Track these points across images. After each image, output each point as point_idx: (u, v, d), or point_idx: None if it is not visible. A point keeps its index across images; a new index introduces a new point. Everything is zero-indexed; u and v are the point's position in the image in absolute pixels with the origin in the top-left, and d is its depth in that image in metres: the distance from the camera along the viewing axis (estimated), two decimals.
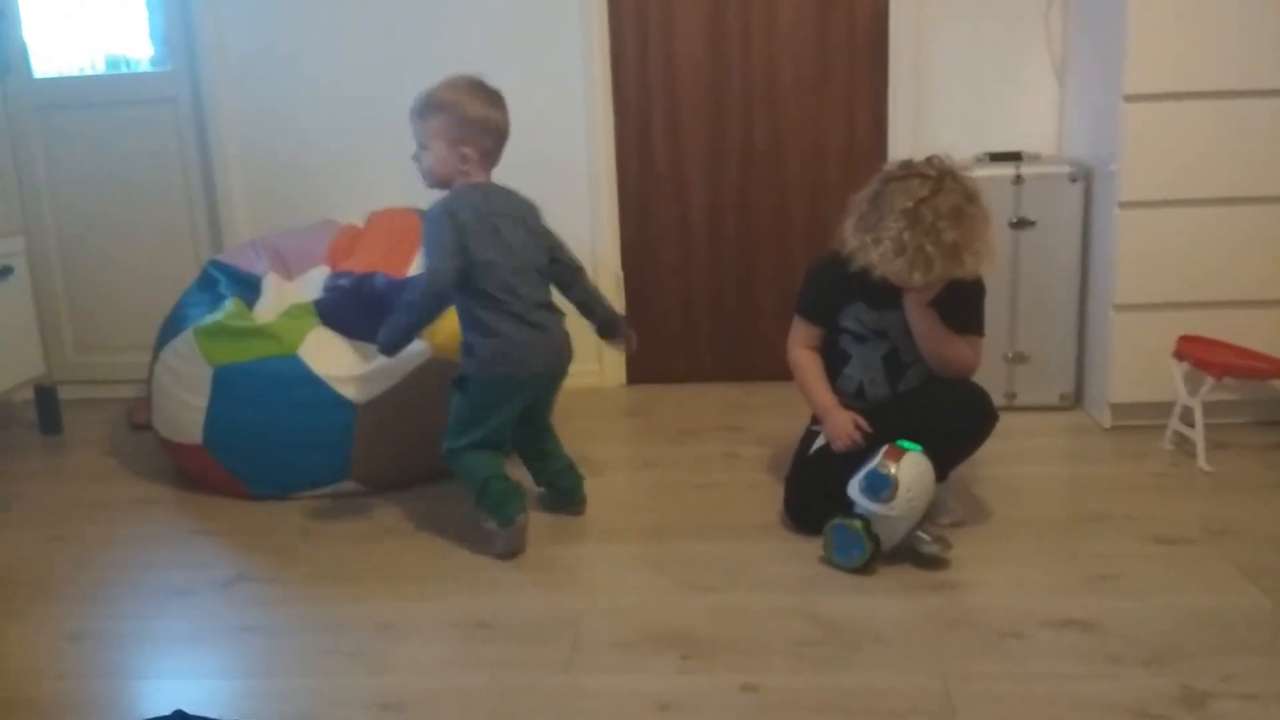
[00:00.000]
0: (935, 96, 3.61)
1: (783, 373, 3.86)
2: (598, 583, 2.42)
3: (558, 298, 2.76)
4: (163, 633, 2.28)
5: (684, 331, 3.91)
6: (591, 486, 2.99)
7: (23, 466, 3.42)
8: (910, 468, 2.36)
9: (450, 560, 2.57)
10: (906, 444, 2.40)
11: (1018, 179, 3.28)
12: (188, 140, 3.90)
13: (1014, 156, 3.37)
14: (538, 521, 2.78)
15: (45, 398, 3.68)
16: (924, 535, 2.40)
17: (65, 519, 2.93)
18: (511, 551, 2.56)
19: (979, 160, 3.39)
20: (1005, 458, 3.05)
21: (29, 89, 3.93)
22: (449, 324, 3.12)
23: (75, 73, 3.98)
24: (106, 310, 4.05)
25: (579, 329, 3.45)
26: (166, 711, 1.54)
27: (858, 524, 2.36)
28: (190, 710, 1.77)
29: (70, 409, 3.76)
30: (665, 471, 3.11)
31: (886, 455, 2.37)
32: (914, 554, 2.41)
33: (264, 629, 2.28)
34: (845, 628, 2.17)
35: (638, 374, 3.94)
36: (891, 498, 2.33)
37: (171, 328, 3.13)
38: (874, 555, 2.37)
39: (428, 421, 2.98)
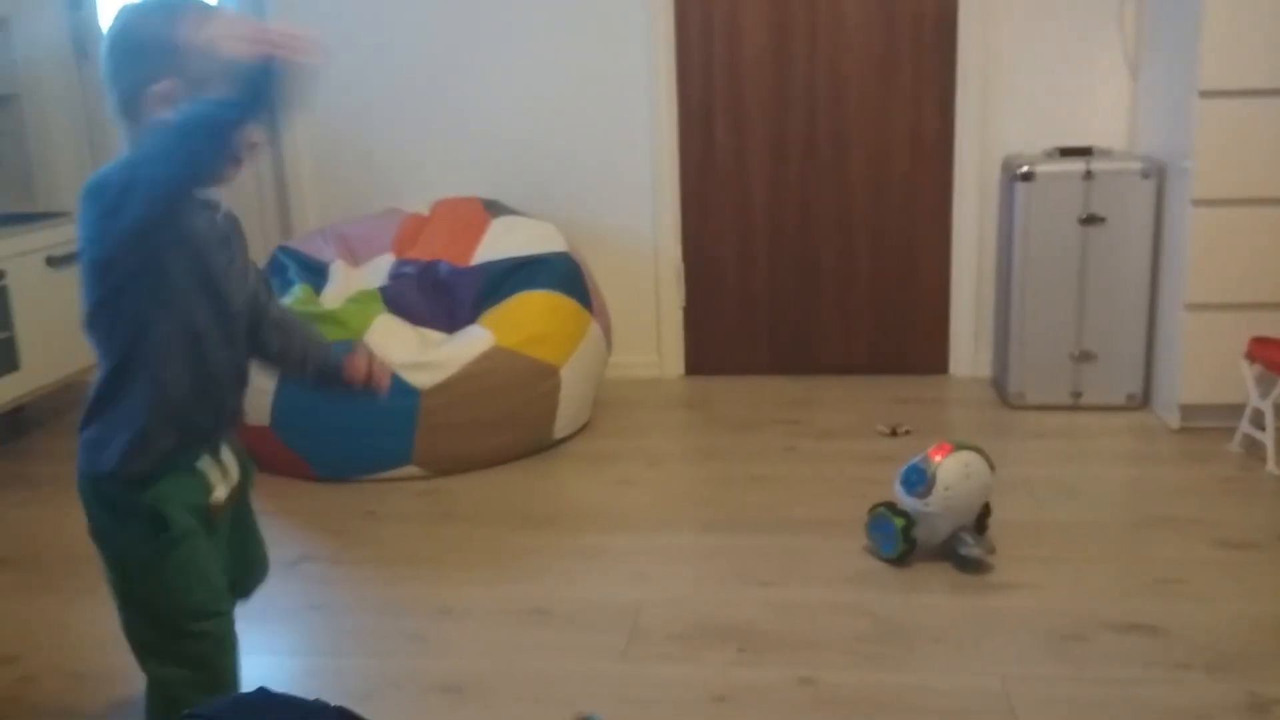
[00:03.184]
0: (1004, 90, 3.57)
1: (843, 367, 3.87)
2: (655, 573, 2.43)
3: None
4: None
5: (743, 324, 3.90)
6: (650, 476, 3.01)
7: None
8: (953, 467, 2.33)
9: (510, 545, 2.60)
10: (962, 443, 2.38)
11: (1088, 174, 3.23)
12: None
13: (1085, 152, 3.32)
14: (593, 511, 2.80)
15: None
16: (966, 537, 2.36)
17: None
18: None
19: (1049, 155, 3.34)
20: (1070, 458, 3.01)
21: None
22: (514, 317, 3.16)
23: None
24: None
25: (633, 311, 3.47)
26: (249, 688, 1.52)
27: (899, 519, 2.37)
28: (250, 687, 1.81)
29: None
30: (723, 464, 3.11)
31: (933, 450, 2.36)
32: (955, 555, 2.37)
33: (327, 609, 2.32)
34: (903, 625, 2.16)
35: (696, 366, 3.94)
36: (927, 494, 2.32)
37: None
38: (908, 552, 2.37)
39: (490, 408, 3.02)
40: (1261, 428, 2.91)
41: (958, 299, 3.74)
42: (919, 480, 2.34)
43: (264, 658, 2.14)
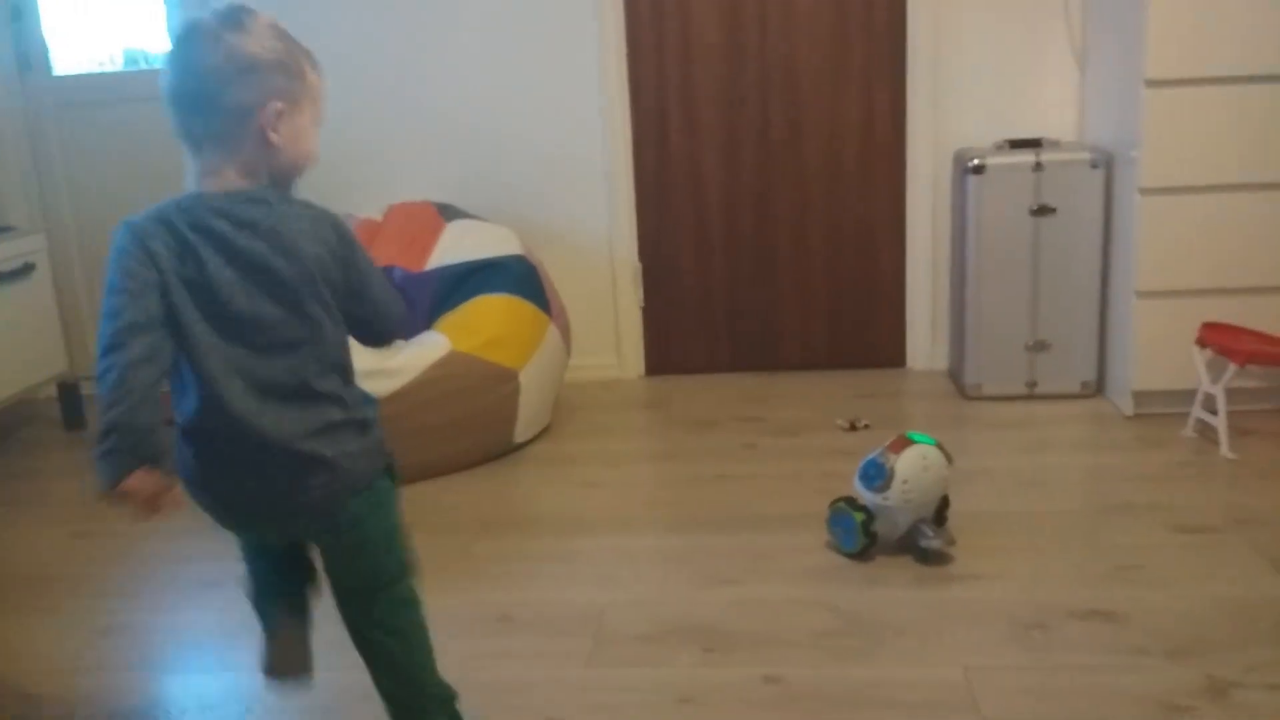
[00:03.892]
0: (954, 83, 3.59)
1: (802, 362, 3.89)
2: (619, 576, 2.43)
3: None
4: (191, 625, 2.30)
5: (702, 322, 3.90)
6: (612, 478, 3.01)
7: (48, 463, 3.45)
8: (911, 461, 2.34)
9: (472, 552, 2.58)
10: (917, 436, 2.39)
11: (1038, 166, 3.26)
12: None
13: (1034, 143, 3.35)
14: (555, 514, 2.79)
15: (68, 394, 3.71)
16: (926, 529, 2.37)
17: (93, 515, 2.95)
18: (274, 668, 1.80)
19: (999, 147, 3.37)
20: (1026, 447, 3.04)
21: (48, 87, 3.95)
22: (471, 321, 3.14)
23: (94, 69, 4.00)
24: None
25: (591, 313, 3.47)
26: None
27: (858, 514, 2.37)
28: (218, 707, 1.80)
29: (93, 405, 3.78)
30: (684, 463, 3.11)
31: (890, 445, 2.37)
32: (916, 548, 2.38)
33: None
34: (867, 619, 2.17)
35: (656, 365, 3.94)
36: (885, 488, 2.33)
37: None
38: (868, 546, 2.38)
39: (449, 414, 3.00)
40: (1214, 412, 2.95)
41: (913, 292, 3.77)
42: (877, 474, 2.35)
43: (227, 674, 2.12)
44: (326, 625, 2.28)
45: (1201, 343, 2.99)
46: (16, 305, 3.55)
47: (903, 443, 2.38)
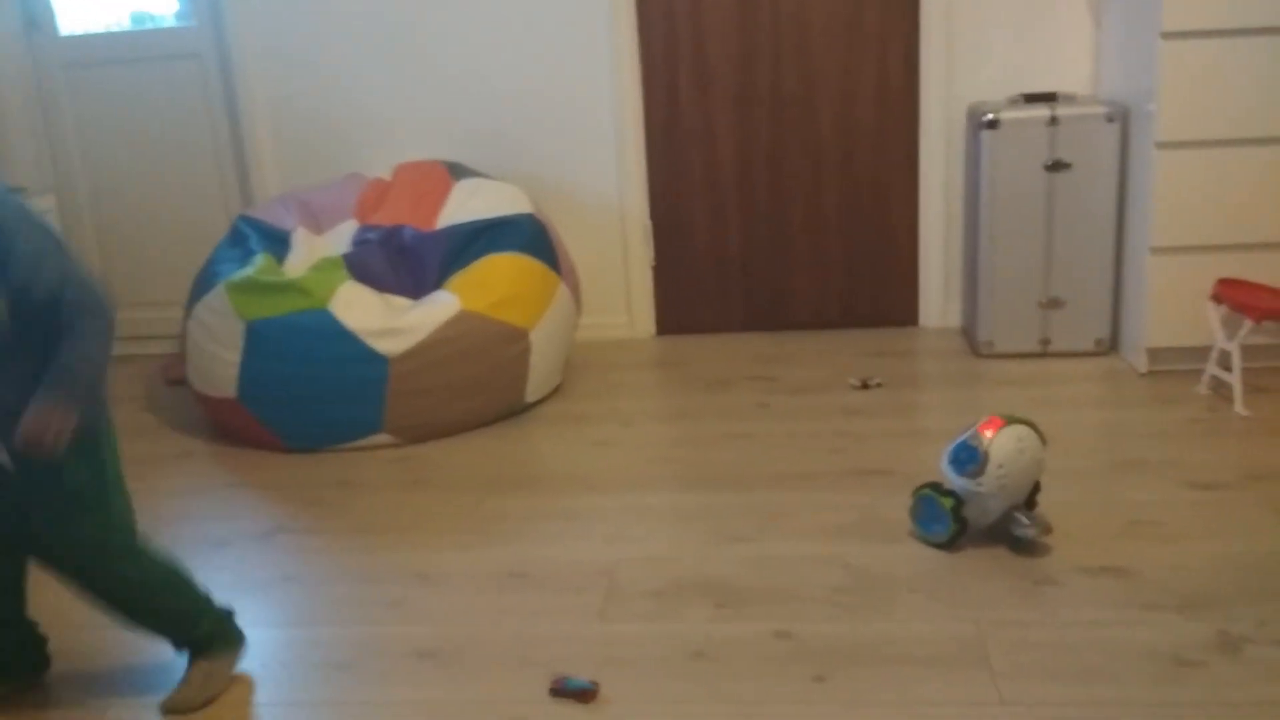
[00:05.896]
0: (968, 36, 3.55)
1: (814, 322, 3.87)
2: (630, 533, 2.44)
3: None
4: (204, 584, 2.31)
5: (714, 281, 3.88)
6: (623, 437, 3.01)
7: None
8: (1006, 443, 2.18)
9: (484, 510, 2.59)
10: (1012, 416, 2.24)
11: (1053, 120, 3.22)
12: (214, 96, 3.89)
13: (1049, 97, 3.31)
14: (567, 473, 2.79)
15: None
16: (1021, 517, 2.22)
17: None
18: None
19: (1013, 102, 3.33)
20: (1040, 404, 3.03)
21: (56, 47, 3.93)
22: (481, 280, 3.13)
23: (100, 30, 3.98)
24: (139, 266, 4.07)
25: (602, 272, 3.45)
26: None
27: (946, 500, 2.23)
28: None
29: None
30: (697, 422, 3.11)
31: (983, 425, 2.21)
32: (1009, 536, 2.25)
33: (302, 579, 2.31)
34: (879, 576, 2.17)
35: (667, 325, 3.93)
36: (979, 473, 2.17)
37: (203, 283, 3.15)
38: (958, 534, 2.24)
39: (460, 373, 3.00)
40: (1228, 369, 2.93)
41: (927, 250, 3.74)
42: (970, 458, 2.19)
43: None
44: (336, 584, 2.30)
45: (1217, 299, 2.97)
46: None
47: (995, 423, 2.20)
